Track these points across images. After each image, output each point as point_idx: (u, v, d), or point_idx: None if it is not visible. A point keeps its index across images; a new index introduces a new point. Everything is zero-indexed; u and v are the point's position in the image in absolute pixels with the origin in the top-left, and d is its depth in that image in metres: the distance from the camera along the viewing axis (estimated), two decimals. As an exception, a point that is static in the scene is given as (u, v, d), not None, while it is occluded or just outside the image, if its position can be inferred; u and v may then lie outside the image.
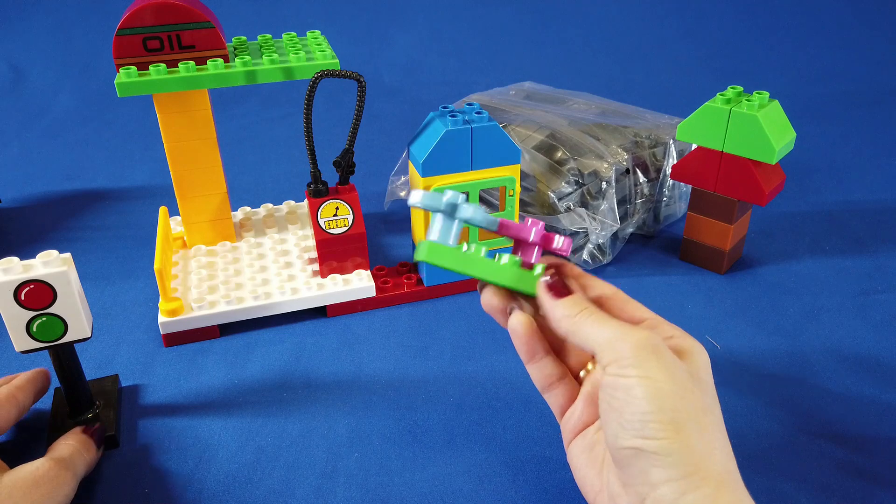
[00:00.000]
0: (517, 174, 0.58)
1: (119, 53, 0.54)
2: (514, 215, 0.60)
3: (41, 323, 0.40)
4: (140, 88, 0.54)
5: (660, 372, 0.32)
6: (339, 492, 0.43)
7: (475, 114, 0.56)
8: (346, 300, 0.59)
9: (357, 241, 0.59)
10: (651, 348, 0.32)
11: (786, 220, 0.74)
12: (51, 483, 0.38)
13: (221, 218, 0.64)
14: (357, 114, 0.56)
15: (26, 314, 0.40)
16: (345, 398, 0.51)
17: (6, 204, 0.81)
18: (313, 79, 0.54)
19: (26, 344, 0.41)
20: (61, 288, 0.40)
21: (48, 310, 0.40)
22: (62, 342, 0.42)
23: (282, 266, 0.61)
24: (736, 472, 0.32)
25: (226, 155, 0.91)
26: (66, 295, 0.40)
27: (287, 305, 0.58)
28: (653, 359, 0.32)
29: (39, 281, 0.39)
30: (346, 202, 0.58)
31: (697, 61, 1.20)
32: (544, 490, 0.43)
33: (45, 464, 0.39)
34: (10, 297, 0.39)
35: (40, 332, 0.41)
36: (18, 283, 0.39)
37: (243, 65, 0.55)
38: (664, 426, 0.31)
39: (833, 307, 0.60)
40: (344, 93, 1.06)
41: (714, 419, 0.33)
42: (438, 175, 0.56)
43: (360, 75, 0.54)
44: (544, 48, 1.24)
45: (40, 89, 1.12)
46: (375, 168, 0.86)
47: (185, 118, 0.58)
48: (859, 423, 0.48)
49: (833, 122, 1.01)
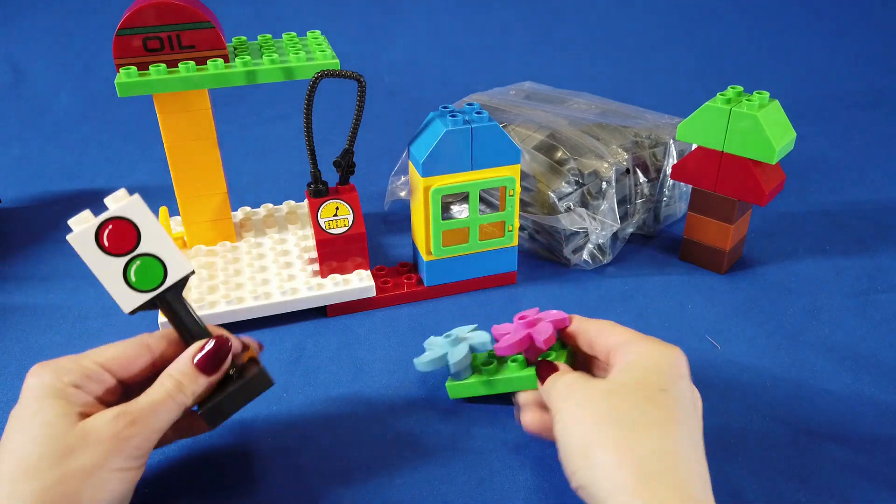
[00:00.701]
0: (517, 174, 0.58)
1: (119, 53, 0.54)
2: (514, 216, 0.60)
3: (137, 268, 0.37)
4: (140, 88, 0.54)
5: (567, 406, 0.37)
6: (338, 489, 0.43)
7: (475, 114, 0.56)
8: (346, 300, 0.59)
9: (357, 241, 0.59)
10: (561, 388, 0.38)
11: (786, 220, 0.74)
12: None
13: (221, 218, 0.64)
14: (357, 114, 0.56)
15: (118, 262, 0.37)
16: (345, 398, 0.51)
17: (6, 204, 0.81)
18: (313, 79, 0.54)
19: (133, 301, 0.37)
20: (141, 219, 0.37)
21: (137, 250, 0.37)
22: (167, 286, 0.38)
23: (282, 266, 0.61)
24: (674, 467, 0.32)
25: (226, 155, 0.91)
26: (149, 226, 0.37)
27: (287, 306, 0.57)
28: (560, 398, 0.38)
29: (116, 218, 0.36)
30: (347, 202, 0.58)
31: (697, 61, 1.20)
32: (545, 491, 0.43)
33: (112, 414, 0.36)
34: (94, 245, 0.36)
35: (140, 279, 0.37)
36: (97, 227, 0.36)
37: (243, 65, 0.55)
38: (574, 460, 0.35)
39: (833, 307, 0.60)
40: (344, 93, 1.06)
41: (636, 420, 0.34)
42: (438, 175, 0.56)
43: (360, 75, 0.54)
44: (544, 48, 1.24)
45: (41, 89, 1.12)
46: (375, 168, 0.86)
47: (186, 118, 0.58)
48: (859, 423, 0.48)
49: (833, 122, 1.01)
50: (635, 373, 0.36)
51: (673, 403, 0.35)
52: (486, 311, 0.60)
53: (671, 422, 0.34)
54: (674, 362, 0.37)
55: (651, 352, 0.38)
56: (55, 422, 0.35)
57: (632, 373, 0.36)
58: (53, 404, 0.35)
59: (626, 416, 0.34)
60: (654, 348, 0.38)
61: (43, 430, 0.34)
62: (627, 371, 0.37)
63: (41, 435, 0.34)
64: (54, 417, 0.35)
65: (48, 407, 0.35)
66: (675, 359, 0.38)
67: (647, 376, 0.36)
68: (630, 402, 0.34)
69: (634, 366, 0.37)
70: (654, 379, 0.36)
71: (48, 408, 0.35)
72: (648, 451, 0.32)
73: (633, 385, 0.36)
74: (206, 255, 0.63)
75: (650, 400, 0.35)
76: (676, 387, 0.36)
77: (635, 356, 0.37)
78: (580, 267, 0.65)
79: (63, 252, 0.70)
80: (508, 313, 0.58)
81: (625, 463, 0.32)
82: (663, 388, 0.35)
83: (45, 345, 0.57)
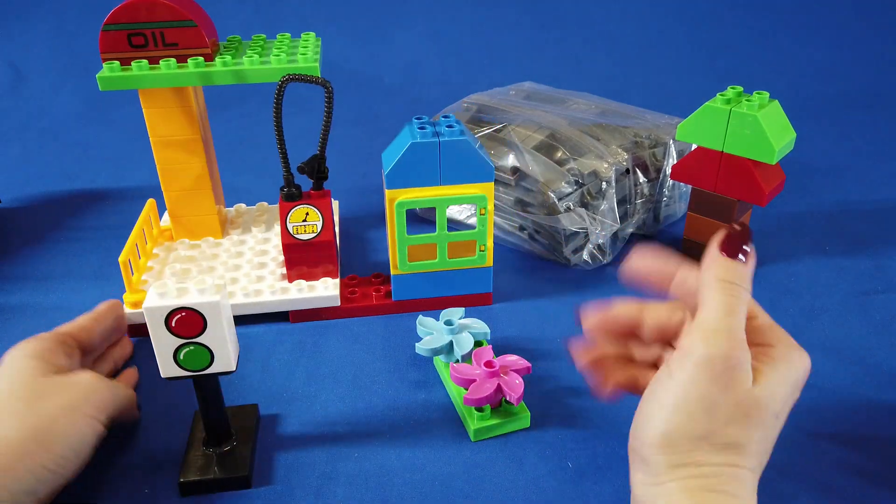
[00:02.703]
0: (490, 192, 0.55)
1: (104, 48, 0.55)
2: (487, 235, 0.57)
3: (189, 352, 0.39)
4: (121, 83, 0.55)
5: (694, 390, 0.33)
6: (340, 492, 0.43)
7: (446, 127, 0.54)
8: (309, 308, 0.58)
9: (325, 248, 0.58)
10: (711, 364, 0.33)
11: (786, 220, 0.74)
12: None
13: (207, 214, 0.64)
14: (326, 119, 0.55)
15: (175, 341, 0.39)
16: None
17: (6, 204, 0.81)
18: (280, 83, 0.54)
19: (172, 371, 0.40)
20: (212, 318, 0.39)
21: (197, 339, 0.39)
22: (207, 374, 0.41)
23: (255, 266, 0.61)
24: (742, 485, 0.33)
25: (225, 155, 0.91)
26: (216, 326, 0.39)
27: (248, 308, 0.57)
28: (703, 375, 0.33)
29: (191, 309, 0.38)
30: (317, 208, 0.57)
31: (697, 61, 1.20)
32: (545, 491, 0.43)
33: (91, 377, 0.44)
34: (162, 322, 0.38)
35: (187, 360, 0.40)
36: (171, 310, 0.38)
37: (223, 64, 0.55)
38: (655, 437, 0.33)
39: (833, 307, 0.60)
40: (344, 93, 1.06)
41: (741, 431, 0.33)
42: (404, 188, 0.54)
43: (326, 81, 0.54)
44: (544, 48, 1.24)
45: (41, 89, 1.12)
46: (375, 168, 0.86)
47: (170, 114, 0.58)
48: (859, 423, 0.48)
49: (833, 122, 1.01)
50: (780, 386, 0.34)
51: (780, 425, 0.35)
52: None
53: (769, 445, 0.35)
54: (806, 375, 0.36)
55: (799, 365, 0.35)
56: (33, 374, 0.42)
57: (777, 385, 0.34)
58: (31, 363, 0.42)
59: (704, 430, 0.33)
60: (800, 358, 0.36)
61: (21, 378, 0.41)
62: (776, 379, 0.34)
63: (19, 382, 0.41)
64: (33, 370, 0.42)
65: (27, 365, 0.42)
66: (808, 372, 0.36)
67: (786, 396, 0.35)
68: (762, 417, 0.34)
69: (782, 375, 0.35)
70: (786, 400, 0.35)
71: (27, 367, 0.42)
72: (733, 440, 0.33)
73: (773, 400, 0.34)
74: (189, 248, 0.64)
75: (778, 417, 0.35)
76: (790, 407, 0.36)
77: (784, 360, 0.35)
78: (580, 267, 0.65)
79: (63, 252, 0.70)
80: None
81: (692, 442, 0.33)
82: (780, 411, 0.35)
83: (45, 345, 0.57)
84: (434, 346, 0.50)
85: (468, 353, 0.50)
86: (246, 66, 0.56)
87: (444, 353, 0.51)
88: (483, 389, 0.45)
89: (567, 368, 0.53)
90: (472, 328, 0.52)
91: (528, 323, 0.59)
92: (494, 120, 0.71)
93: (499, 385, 0.46)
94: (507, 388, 0.46)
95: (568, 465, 0.44)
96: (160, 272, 0.60)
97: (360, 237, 0.72)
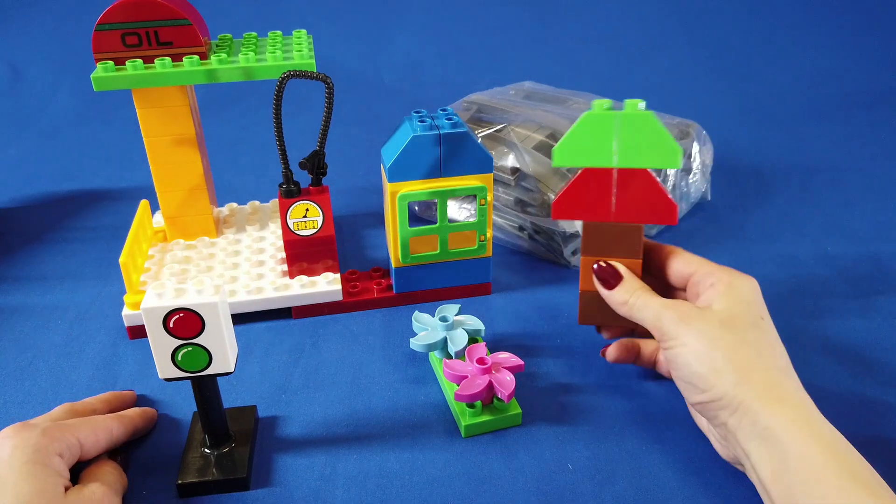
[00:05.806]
0: (490, 183, 0.56)
1: (98, 48, 0.54)
2: (486, 226, 0.58)
3: (186, 353, 0.39)
4: (116, 83, 0.54)
5: (690, 337, 0.41)
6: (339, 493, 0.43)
7: (446, 119, 0.55)
8: (311, 303, 0.58)
9: (326, 243, 0.58)
10: (678, 320, 0.42)
11: (786, 220, 0.74)
12: None
13: (201, 213, 0.64)
14: (326, 115, 0.55)
15: (173, 342, 0.39)
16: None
17: (4, 204, 0.81)
18: (280, 79, 0.53)
19: (170, 372, 0.40)
20: (210, 319, 0.39)
21: (195, 340, 0.39)
22: (204, 374, 0.41)
23: (254, 264, 0.61)
24: (789, 377, 0.40)
25: (225, 154, 0.91)
26: (214, 326, 0.39)
27: (251, 305, 0.57)
28: (682, 328, 0.41)
29: (189, 310, 0.38)
30: (317, 204, 0.57)
31: (697, 61, 1.20)
32: (546, 493, 0.43)
33: (100, 488, 0.39)
34: (160, 323, 0.38)
35: (185, 361, 0.40)
36: (169, 311, 0.38)
37: (218, 62, 0.55)
38: (707, 378, 0.39)
39: (833, 307, 0.60)
40: (344, 93, 1.05)
41: (753, 344, 0.40)
42: (406, 181, 0.55)
43: (327, 77, 0.53)
44: (544, 48, 1.24)
45: (39, 89, 1.12)
46: (375, 168, 0.86)
47: (163, 113, 0.58)
48: (859, 423, 0.47)
49: (833, 122, 1.01)
50: (737, 303, 0.42)
51: (771, 328, 0.42)
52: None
53: (777, 342, 0.42)
54: (758, 290, 0.44)
55: (741, 284, 0.43)
56: (47, 489, 0.37)
57: (733, 303, 0.42)
58: (44, 471, 0.37)
59: (744, 342, 0.40)
60: (741, 280, 0.44)
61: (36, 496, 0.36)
62: (728, 301, 0.42)
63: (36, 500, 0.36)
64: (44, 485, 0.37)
65: (40, 474, 0.37)
66: (758, 287, 0.44)
67: (749, 307, 0.42)
68: (743, 330, 0.41)
69: (732, 297, 0.42)
70: (753, 309, 0.42)
71: (40, 475, 0.37)
72: (767, 367, 0.40)
73: (741, 315, 0.42)
74: (184, 249, 0.64)
75: (757, 326, 0.42)
76: (767, 313, 0.43)
77: (725, 286, 0.43)
78: (578, 268, 0.65)
79: (60, 252, 0.70)
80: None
81: (755, 379, 0.39)
82: (761, 315, 0.42)
83: (42, 345, 0.57)
84: (428, 341, 0.50)
85: (462, 349, 0.50)
86: (242, 63, 0.56)
87: (438, 349, 0.51)
88: (474, 386, 0.45)
89: (561, 366, 0.53)
90: (467, 325, 0.52)
91: (524, 321, 0.59)
92: (494, 120, 0.70)
93: (490, 382, 0.46)
94: (498, 385, 0.46)
95: (568, 466, 0.44)
96: (157, 273, 0.60)
97: (357, 235, 0.72)
